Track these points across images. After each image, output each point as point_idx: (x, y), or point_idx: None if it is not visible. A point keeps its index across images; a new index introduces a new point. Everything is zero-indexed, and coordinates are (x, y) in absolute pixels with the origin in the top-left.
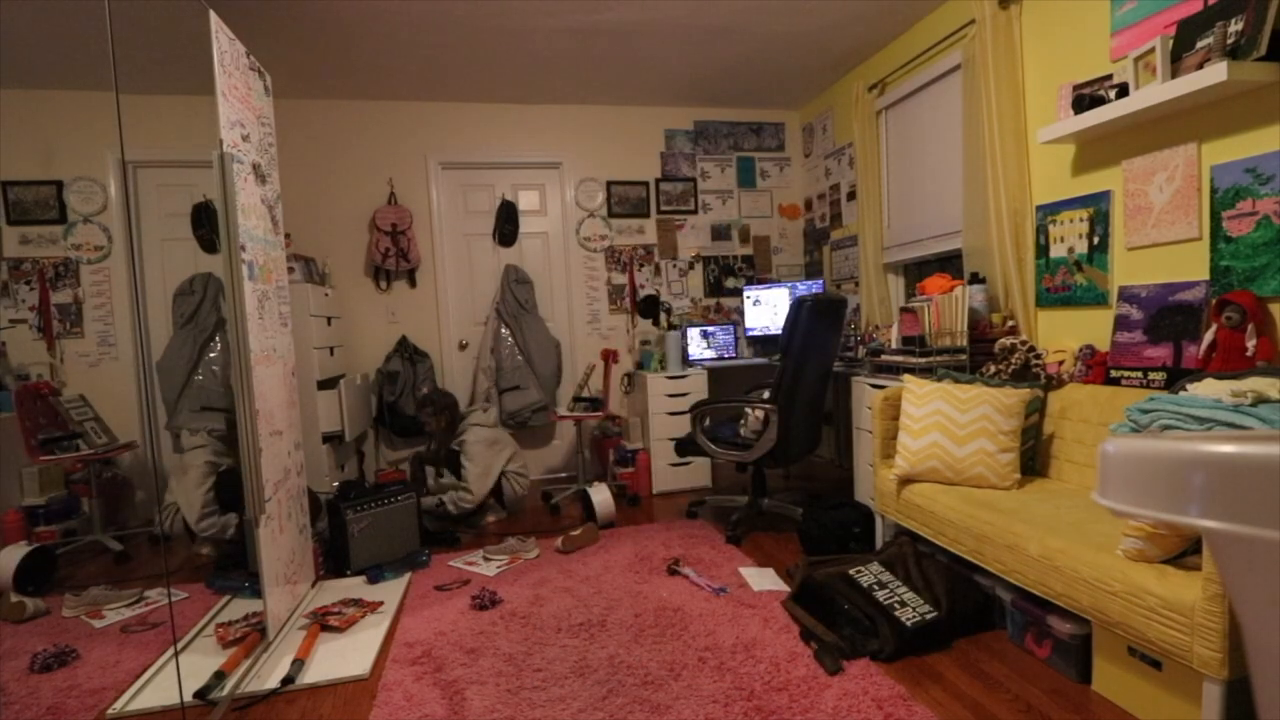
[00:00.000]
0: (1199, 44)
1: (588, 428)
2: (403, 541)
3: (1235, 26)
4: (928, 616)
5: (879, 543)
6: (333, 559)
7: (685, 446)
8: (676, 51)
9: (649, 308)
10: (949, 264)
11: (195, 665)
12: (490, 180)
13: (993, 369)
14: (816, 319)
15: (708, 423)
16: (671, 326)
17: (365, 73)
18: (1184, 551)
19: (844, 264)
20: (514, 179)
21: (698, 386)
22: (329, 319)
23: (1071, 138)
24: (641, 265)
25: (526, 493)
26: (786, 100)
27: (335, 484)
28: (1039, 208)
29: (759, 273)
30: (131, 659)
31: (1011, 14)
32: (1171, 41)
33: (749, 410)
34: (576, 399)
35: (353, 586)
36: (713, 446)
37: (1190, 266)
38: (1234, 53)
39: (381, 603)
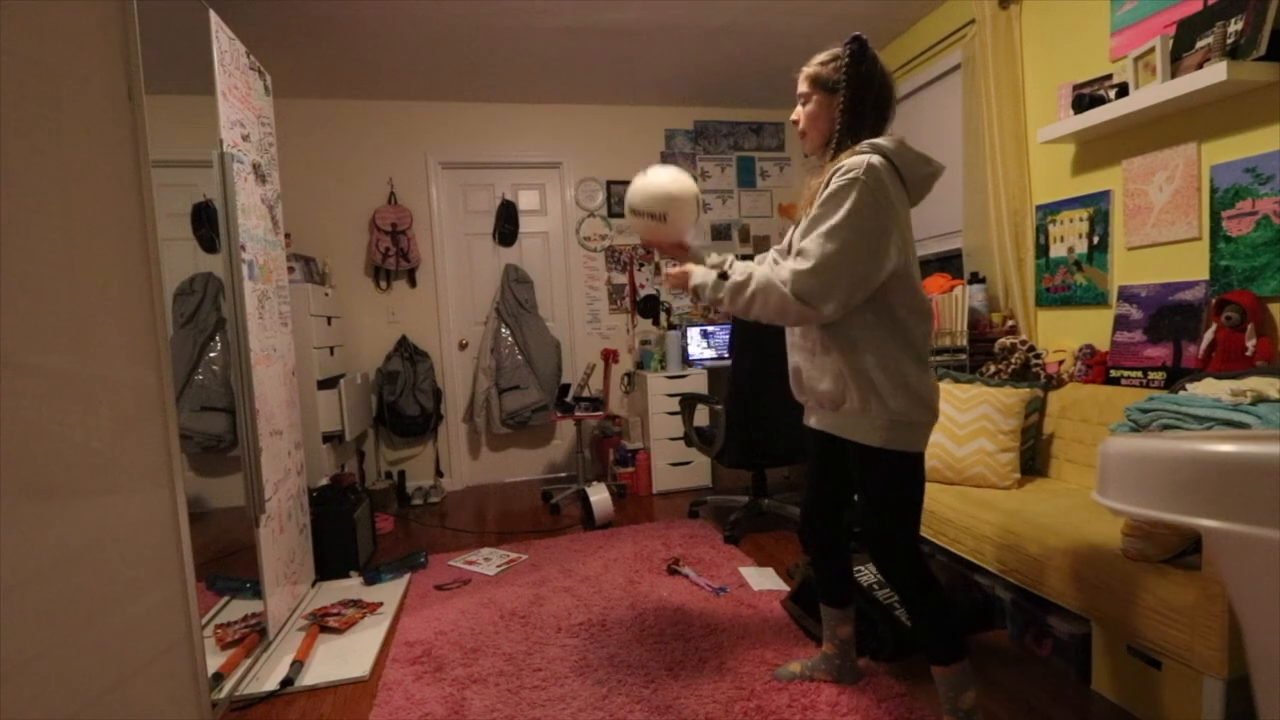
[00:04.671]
0: (1199, 44)
1: (588, 427)
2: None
3: (1235, 26)
4: None
5: None
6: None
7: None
8: (676, 51)
9: (649, 307)
10: (949, 264)
11: None
12: (490, 180)
13: (993, 369)
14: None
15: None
16: (671, 326)
17: (365, 73)
18: (1184, 551)
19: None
20: (514, 179)
21: (698, 386)
22: (329, 319)
23: (1071, 137)
24: (641, 265)
25: None
26: (786, 100)
27: (323, 480)
28: (1039, 207)
29: None
30: None
31: (1011, 14)
32: (1171, 41)
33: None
34: (577, 398)
35: (352, 587)
36: (696, 439)
37: (1190, 266)
38: (1234, 52)
39: (381, 603)
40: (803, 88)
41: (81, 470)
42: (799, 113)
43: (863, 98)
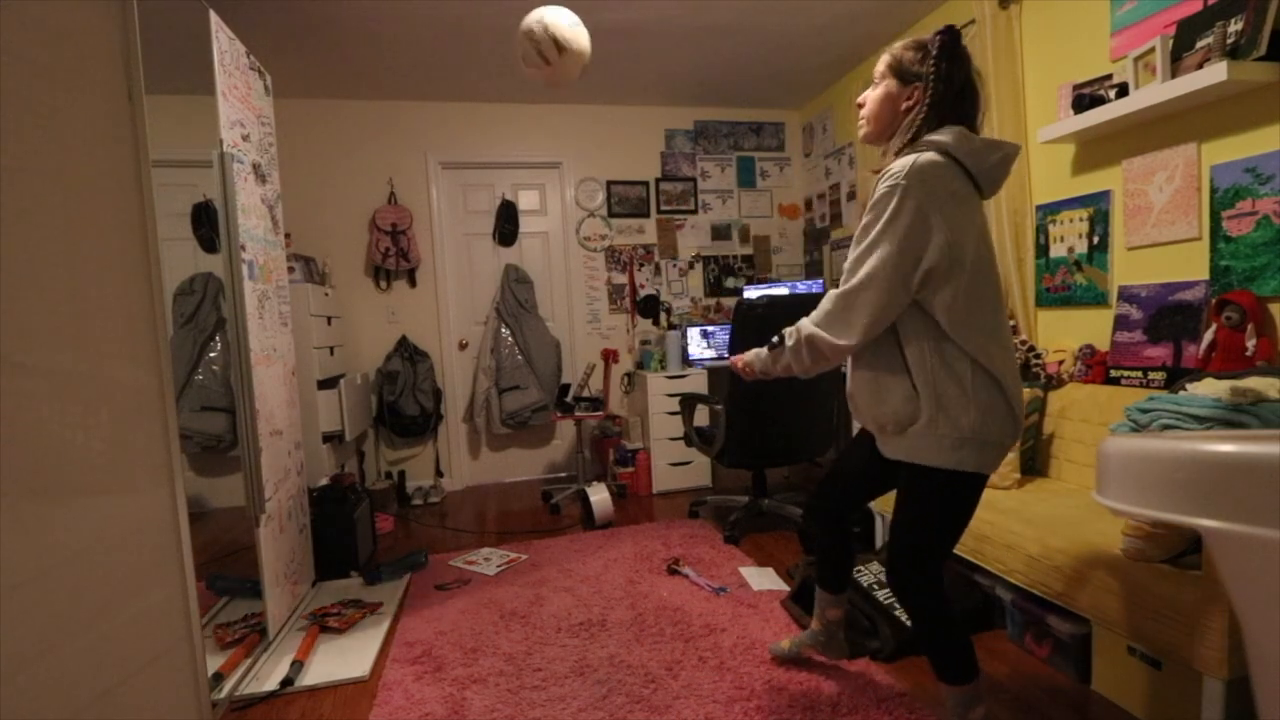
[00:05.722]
0: (1199, 44)
1: (588, 428)
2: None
3: (1235, 26)
4: None
5: (879, 542)
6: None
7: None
8: (677, 51)
9: (649, 307)
10: None
11: None
12: (490, 180)
13: None
14: (762, 325)
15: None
16: (671, 326)
17: (365, 73)
18: (1184, 551)
19: (844, 264)
20: (514, 179)
21: (698, 386)
22: (329, 319)
23: (1071, 137)
24: (641, 265)
25: None
26: (786, 100)
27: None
28: (1039, 207)
29: (759, 272)
30: None
31: (1011, 14)
32: (1171, 41)
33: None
34: (577, 398)
35: (352, 587)
36: (696, 439)
37: (1190, 266)
38: (1234, 52)
39: (381, 603)
40: (880, 68)
41: (81, 470)
42: (865, 95)
43: (939, 98)
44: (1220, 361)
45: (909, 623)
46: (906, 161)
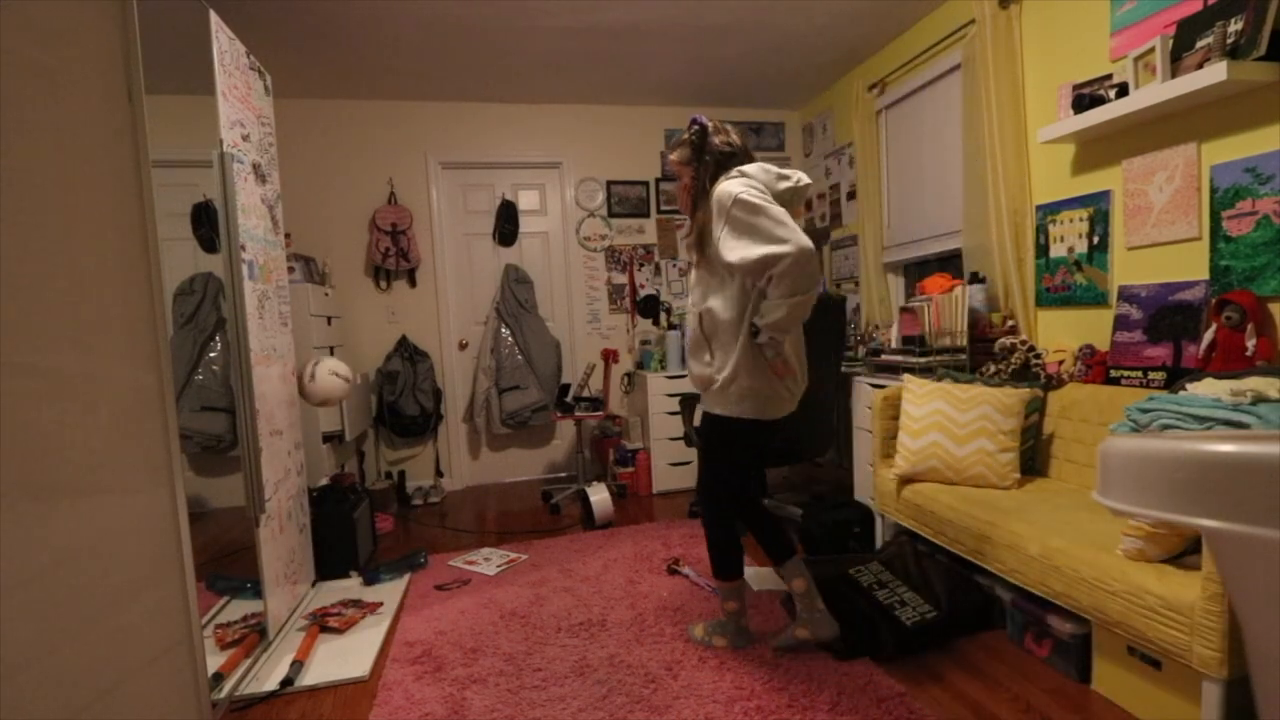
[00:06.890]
0: (1199, 44)
1: (588, 428)
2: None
3: (1235, 26)
4: (927, 616)
5: (879, 542)
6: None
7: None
8: (676, 51)
9: (649, 307)
10: (949, 264)
11: None
12: (490, 180)
13: (993, 369)
14: None
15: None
16: (671, 326)
17: (365, 73)
18: (1184, 551)
19: (844, 263)
20: (514, 179)
21: None
22: (329, 319)
23: (1071, 137)
24: (641, 265)
25: None
26: (786, 100)
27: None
28: (1039, 207)
29: None
30: None
31: (1011, 14)
32: (1171, 41)
33: None
34: (577, 398)
35: (352, 587)
36: (696, 439)
37: (1190, 266)
38: (1234, 52)
39: (381, 603)
40: (676, 168)
41: (81, 470)
42: (675, 189)
43: (709, 165)
44: (1220, 361)
45: (907, 622)
46: (728, 183)
